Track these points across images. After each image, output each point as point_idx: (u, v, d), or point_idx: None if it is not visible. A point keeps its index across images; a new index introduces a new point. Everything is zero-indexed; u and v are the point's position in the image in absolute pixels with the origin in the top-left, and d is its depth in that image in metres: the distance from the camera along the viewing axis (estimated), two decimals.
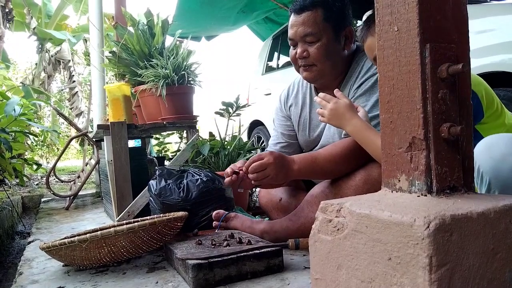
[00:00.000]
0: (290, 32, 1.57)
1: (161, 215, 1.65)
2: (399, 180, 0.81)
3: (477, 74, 2.24)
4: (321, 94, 1.37)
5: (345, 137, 1.47)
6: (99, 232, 1.36)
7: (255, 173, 1.37)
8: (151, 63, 2.47)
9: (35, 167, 3.58)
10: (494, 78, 2.21)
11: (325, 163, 1.43)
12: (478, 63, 2.20)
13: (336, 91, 1.36)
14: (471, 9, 0.92)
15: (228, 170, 1.45)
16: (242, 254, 1.23)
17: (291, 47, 1.61)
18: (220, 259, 1.20)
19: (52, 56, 7.51)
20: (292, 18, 1.57)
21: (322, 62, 1.54)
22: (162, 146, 3.56)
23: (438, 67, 0.76)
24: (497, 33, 2.22)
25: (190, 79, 2.45)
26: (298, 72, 1.64)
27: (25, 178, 4.20)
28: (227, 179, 1.44)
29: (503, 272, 0.72)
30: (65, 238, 1.47)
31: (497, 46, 2.19)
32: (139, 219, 1.76)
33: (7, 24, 6.27)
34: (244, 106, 2.56)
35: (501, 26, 2.24)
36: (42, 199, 3.73)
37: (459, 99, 0.79)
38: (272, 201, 1.81)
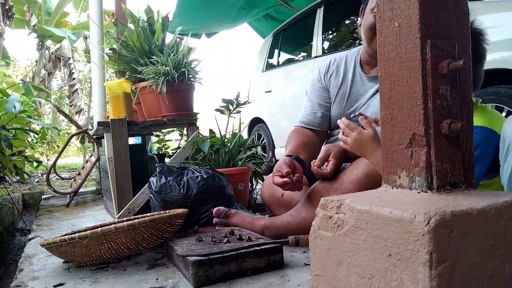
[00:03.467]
0: None
1: (162, 212, 1.65)
2: (400, 177, 0.81)
3: None
4: (344, 121, 1.36)
5: None
6: (99, 229, 1.37)
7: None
8: (151, 60, 2.46)
9: (35, 164, 3.58)
10: (495, 75, 2.21)
11: None
12: None
13: (361, 119, 1.35)
14: (472, 6, 0.92)
15: (279, 174, 1.44)
16: (242, 251, 1.23)
17: (373, 13, 1.53)
18: (220, 255, 1.20)
19: (52, 54, 7.51)
20: None
21: None
22: (162, 143, 3.57)
23: (439, 63, 0.76)
24: (498, 30, 2.22)
25: (190, 76, 2.45)
26: (370, 40, 1.57)
27: (25, 175, 4.20)
28: (280, 180, 1.42)
29: (503, 268, 0.72)
30: (65, 235, 1.47)
31: (498, 43, 2.19)
32: (140, 216, 1.76)
33: (7, 21, 6.26)
34: (244, 103, 2.56)
35: (502, 23, 2.23)
36: (43, 196, 3.73)
37: (460, 96, 0.79)
38: (274, 196, 1.81)
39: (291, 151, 1.61)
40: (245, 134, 5.09)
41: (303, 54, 4.68)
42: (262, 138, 4.87)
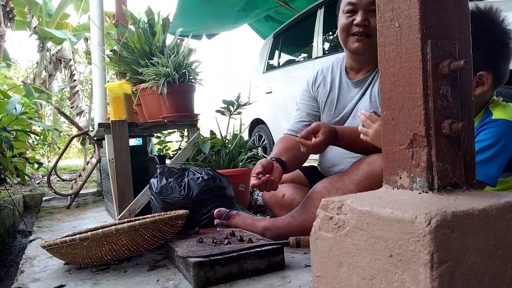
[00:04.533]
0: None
1: (162, 213, 1.65)
2: (400, 177, 0.81)
3: None
4: (365, 113, 1.34)
5: None
6: (100, 230, 1.37)
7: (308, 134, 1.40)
8: (152, 61, 2.46)
9: (36, 166, 3.58)
10: None
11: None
12: None
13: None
14: (472, 6, 0.92)
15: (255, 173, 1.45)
16: (243, 252, 1.23)
17: (346, 14, 1.57)
18: (221, 257, 1.20)
19: (53, 55, 7.52)
20: None
21: None
22: (163, 145, 3.57)
23: (440, 63, 0.75)
24: None
25: (191, 77, 2.45)
26: (345, 42, 1.60)
27: (26, 177, 4.20)
28: (255, 182, 1.43)
29: (505, 269, 0.71)
30: (66, 236, 1.47)
31: None
32: (140, 217, 1.76)
33: (8, 23, 6.27)
34: (245, 105, 2.56)
35: None
36: (44, 198, 3.73)
37: (460, 96, 0.78)
38: (275, 197, 1.81)
39: (274, 154, 1.62)
40: (245, 135, 5.09)
41: (303, 55, 4.68)
42: (262, 139, 4.87)
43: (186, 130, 2.83)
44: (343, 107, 1.72)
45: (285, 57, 4.91)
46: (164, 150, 3.55)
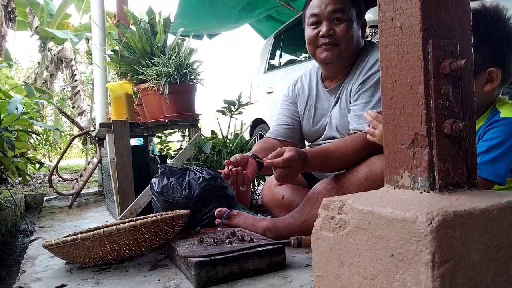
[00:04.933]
0: (316, 10, 1.54)
1: (164, 213, 1.65)
2: (402, 177, 0.81)
3: None
4: (372, 113, 1.32)
5: (354, 132, 1.47)
6: (101, 230, 1.37)
7: (280, 168, 1.32)
8: (153, 61, 2.47)
9: (37, 166, 3.59)
10: None
11: (336, 161, 1.44)
12: None
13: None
14: (478, 4, 0.92)
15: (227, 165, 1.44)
16: (244, 252, 1.23)
17: (311, 26, 1.58)
18: (222, 256, 1.20)
19: (54, 55, 7.53)
20: None
21: (346, 42, 1.53)
22: (164, 145, 3.57)
23: (441, 63, 0.75)
24: None
25: (192, 77, 2.45)
26: (315, 53, 1.61)
27: (28, 177, 4.21)
28: (224, 171, 1.39)
29: (507, 268, 0.71)
30: (67, 236, 1.48)
31: None
32: (142, 217, 1.76)
33: (10, 24, 6.29)
34: (246, 104, 2.56)
35: None
36: (45, 198, 3.73)
37: (462, 95, 0.78)
38: (275, 199, 1.81)
39: (251, 152, 1.62)
40: (247, 135, 5.09)
41: (304, 55, 4.67)
42: None
43: (187, 130, 2.83)
44: (320, 115, 1.72)
45: (286, 57, 4.90)
46: (165, 150, 3.55)
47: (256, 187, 2.54)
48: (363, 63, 1.56)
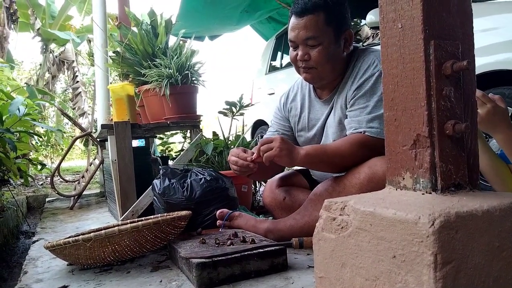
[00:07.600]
0: (291, 35, 1.56)
1: (165, 214, 1.65)
2: (404, 178, 0.81)
3: (481, 73, 2.22)
4: (478, 93, 1.18)
5: (353, 132, 1.47)
6: (103, 231, 1.37)
7: (262, 146, 1.41)
8: (154, 63, 2.47)
9: (39, 167, 3.59)
10: (498, 76, 2.20)
11: (333, 156, 1.44)
12: (482, 62, 2.19)
13: (493, 96, 1.25)
14: (475, 7, 0.92)
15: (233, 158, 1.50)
16: (246, 253, 1.23)
17: (291, 48, 1.60)
18: (224, 258, 1.20)
19: (56, 57, 7.54)
20: (293, 20, 1.55)
21: (322, 65, 1.54)
22: (165, 146, 3.57)
23: (443, 64, 0.75)
24: (501, 31, 2.21)
25: (193, 78, 2.45)
26: (298, 72, 1.64)
27: (29, 178, 4.20)
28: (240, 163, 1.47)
29: (509, 270, 0.71)
30: (69, 237, 1.48)
31: (501, 45, 2.18)
32: (143, 218, 1.76)
33: (12, 25, 6.31)
34: (247, 106, 2.56)
35: (505, 24, 2.22)
36: (47, 199, 3.74)
37: (463, 96, 0.78)
38: (276, 200, 1.81)
39: None
40: (248, 136, 5.09)
41: None
42: None
43: (188, 131, 2.83)
44: (314, 125, 1.72)
45: (287, 59, 4.90)
46: (166, 151, 3.55)
47: (257, 189, 2.54)
48: (356, 69, 1.55)
